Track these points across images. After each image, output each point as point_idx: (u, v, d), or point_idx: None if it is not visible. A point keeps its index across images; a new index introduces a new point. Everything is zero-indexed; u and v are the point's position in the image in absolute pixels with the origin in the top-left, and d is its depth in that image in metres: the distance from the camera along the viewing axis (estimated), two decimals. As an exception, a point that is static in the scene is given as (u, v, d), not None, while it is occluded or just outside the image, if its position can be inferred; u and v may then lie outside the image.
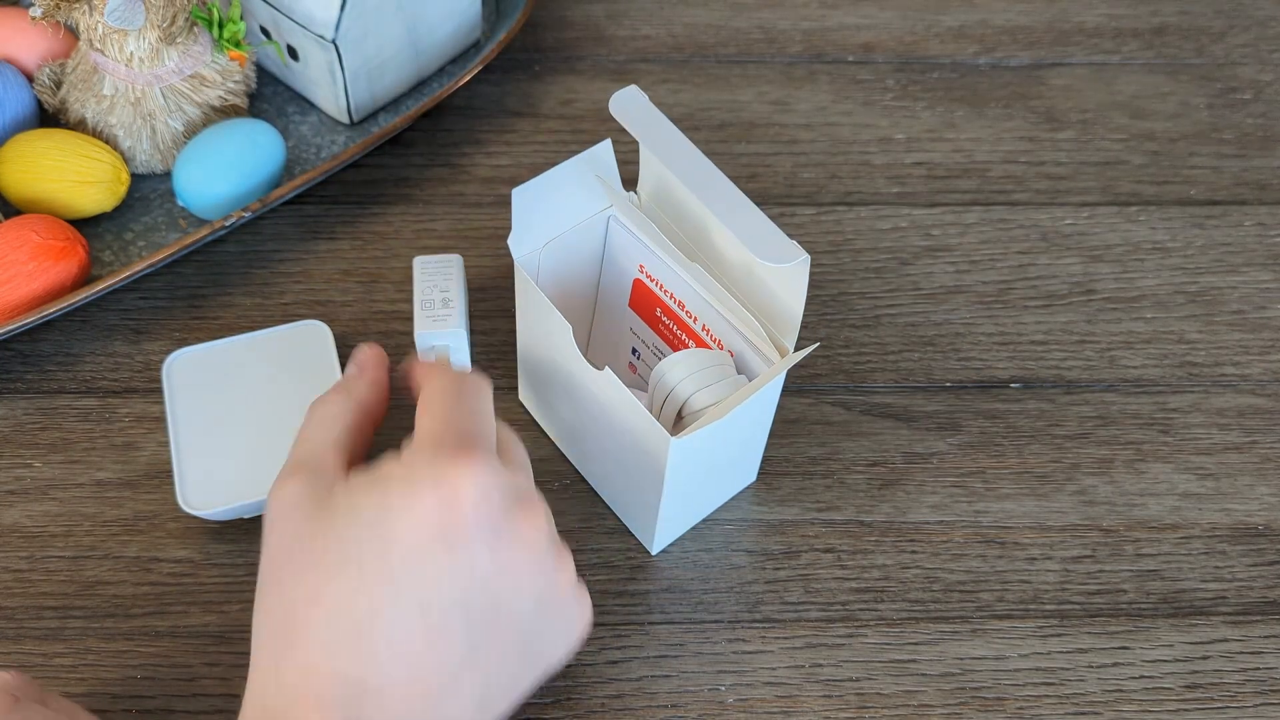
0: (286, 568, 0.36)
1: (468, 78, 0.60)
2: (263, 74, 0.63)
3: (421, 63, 0.62)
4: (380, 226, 0.58)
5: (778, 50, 0.68)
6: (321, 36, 0.56)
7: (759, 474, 0.51)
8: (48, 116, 0.59)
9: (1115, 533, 0.50)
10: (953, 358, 0.55)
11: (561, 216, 0.47)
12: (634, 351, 0.51)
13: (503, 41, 0.62)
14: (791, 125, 0.64)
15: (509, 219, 0.59)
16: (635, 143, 0.50)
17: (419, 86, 0.63)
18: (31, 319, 0.50)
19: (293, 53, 0.59)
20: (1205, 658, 0.47)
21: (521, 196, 0.45)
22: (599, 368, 0.43)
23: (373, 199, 0.59)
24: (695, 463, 0.44)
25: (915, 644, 0.47)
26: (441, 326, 0.50)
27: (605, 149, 0.47)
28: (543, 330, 0.46)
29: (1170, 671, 0.47)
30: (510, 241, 0.46)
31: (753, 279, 0.45)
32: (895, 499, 0.51)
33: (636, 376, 0.52)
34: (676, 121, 0.63)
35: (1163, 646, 0.47)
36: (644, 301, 0.49)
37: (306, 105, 0.62)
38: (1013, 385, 0.55)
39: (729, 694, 0.45)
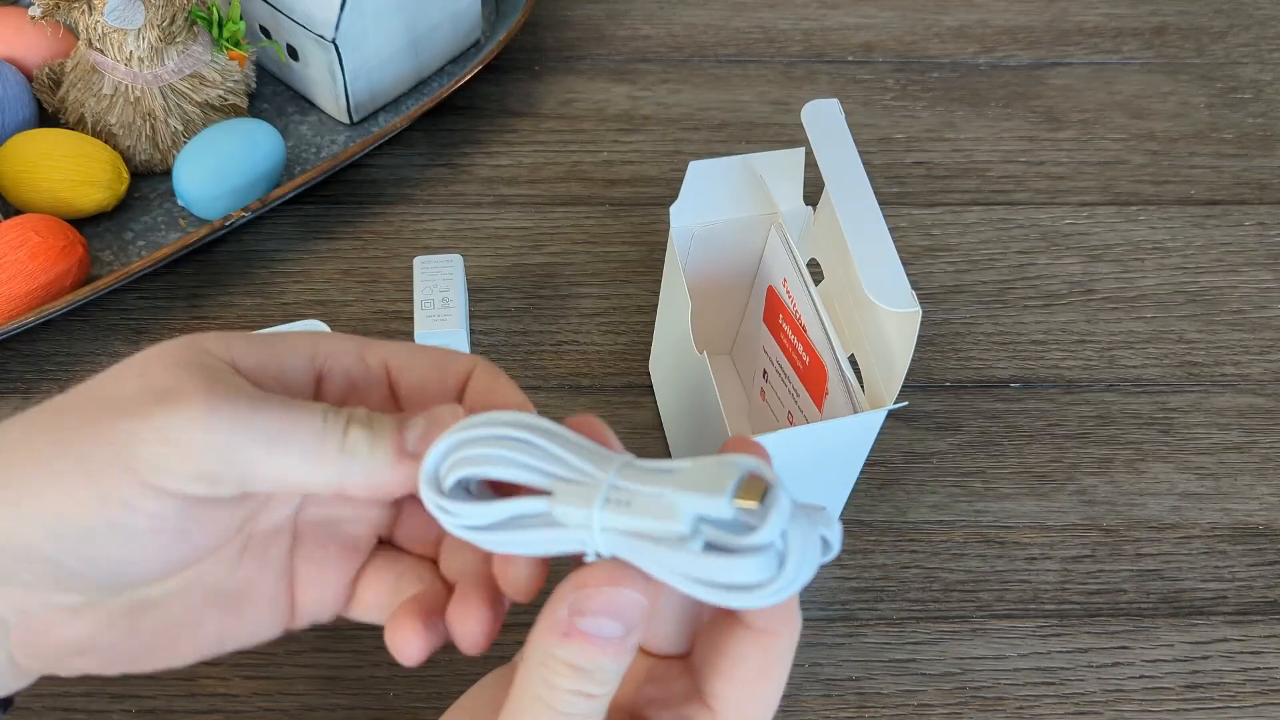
0: None
1: (468, 78, 0.60)
2: (263, 74, 0.63)
3: (421, 62, 0.62)
4: (380, 226, 0.58)
5: (778, 50, 0.68)
6: (321, 36, 0.56)
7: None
8: (48, 116, 0.59)
9: (1115, 532, 0.50)
10: (952, 358, 0.55)
11: (728, 205, 0.47)
12: (764, 374, 0.50)
13: (503, 41, 0.62)
14: (791, 125, 0.64)
15: (509, 219, 0.59)
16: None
17: (419, 86, 0.63)
18: (31, 319, 0.50)
19: (292, 52, 0.59)
20: (1205, 658, 0.47)
21: (697, 170, 0.45)
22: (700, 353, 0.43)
23: (373, 199, 0.59)
24: None
25: (915, 643, 0.47)
26: (441, 326, 0.50)
27: (796, 155, 0.46)
28: (670, 303, 0.47)
29: (1170, 671, 0.47)
30: (672, 209, 0.46)
31: (872, 321, 0.44)
32: (895, 498, 0.51)
33: (764, 404, 0.51)
34: (676, 121, 0.64)
35: (1163, 646, 0.47)
36: (773, 312, 0.48)
37: (306, 105, 0.62)
38: (1012, 385, 0.55)
39: (729, 694, 0.45)
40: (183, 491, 0.27)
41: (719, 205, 0.47)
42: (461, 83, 0.60)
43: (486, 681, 0.32)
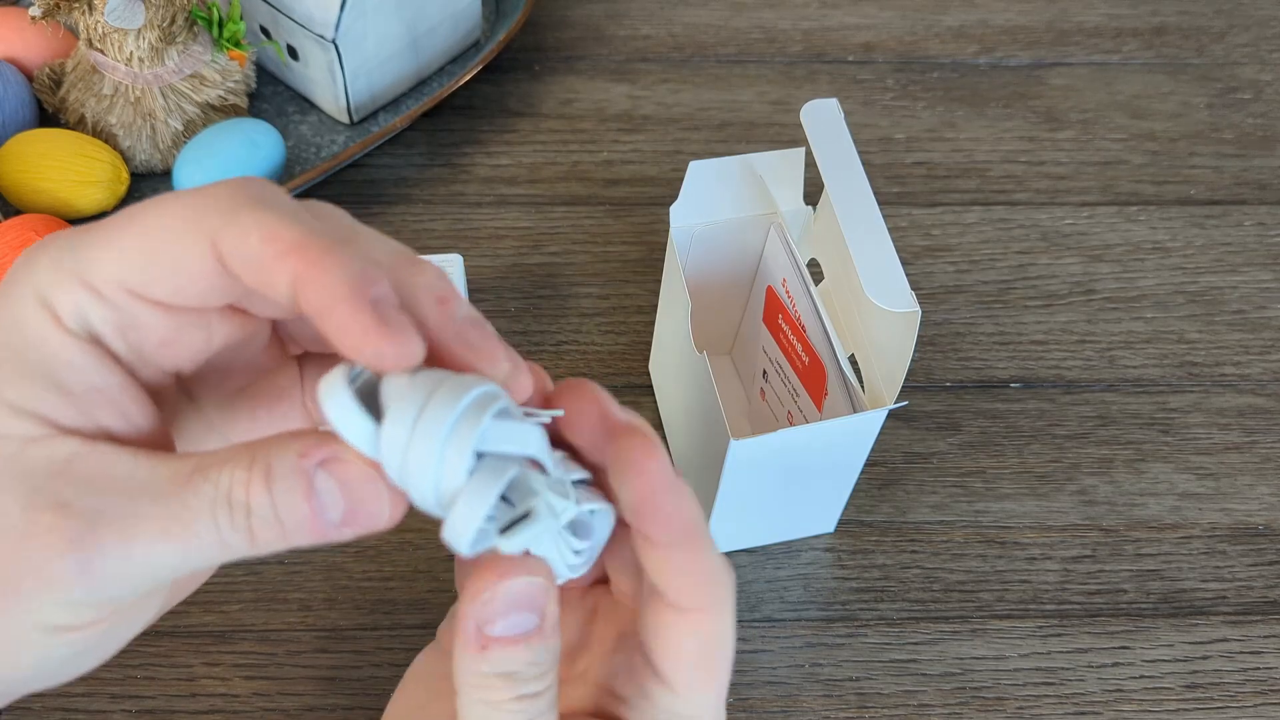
0: None
1: (468, 78, 0.60)
2: (263, 74, 0.63)
3: (421, 62, 0.62)
4: (380, 226, 0.58)
5: (778, 50, 0.68)
6: (321, 36, 0.56)
7: (839, 531, 0.50)
8: (48, 116, 0.59)
9: (1115, 532, 0.50)
10: (953, 358, 0.55)
11: (728, 205, 0.47)
12: (764, 374, 0.50)
13: (503, 41, 0.62)
14: (791, 125, 0.64)
15: (509, 219, 0.59)
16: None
17: (419, 86, 0.63)
18: (31, 319, 0.50)
19: (292, 52, 0.59)
20: (1205, 658, 0.47)
21: (697, 170, 0.45)
22: (701, 352, 0.43)
23: (373, 199, 0.59)
24: (756, 474, 0.43)
25: (915, 644, 0.47)
26: None
27: (796, 155, 0.46)
28: (670, 303, 0.47)
29: (1170, 671, 0.47)
30: (672, 209, 0.46)
31: (872, 321, 0.44)
32: (895, 499, 0.51)
33: (764, 404, 0.51)
34: (676, 121, 0.64)
35: (1163, 646, 0.47)
36: (773, 312, 0.49)
37: (306, 105, 0.62)
38: (1013, 385, 0.55)
39: (729, 694, 0.45)
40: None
41: (719, 205, 0.47)
42: (461, 83, 0.60)
43: (419, 671, 0.31)
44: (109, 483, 0.24)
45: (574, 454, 0.27)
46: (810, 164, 0.46)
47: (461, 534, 0.24)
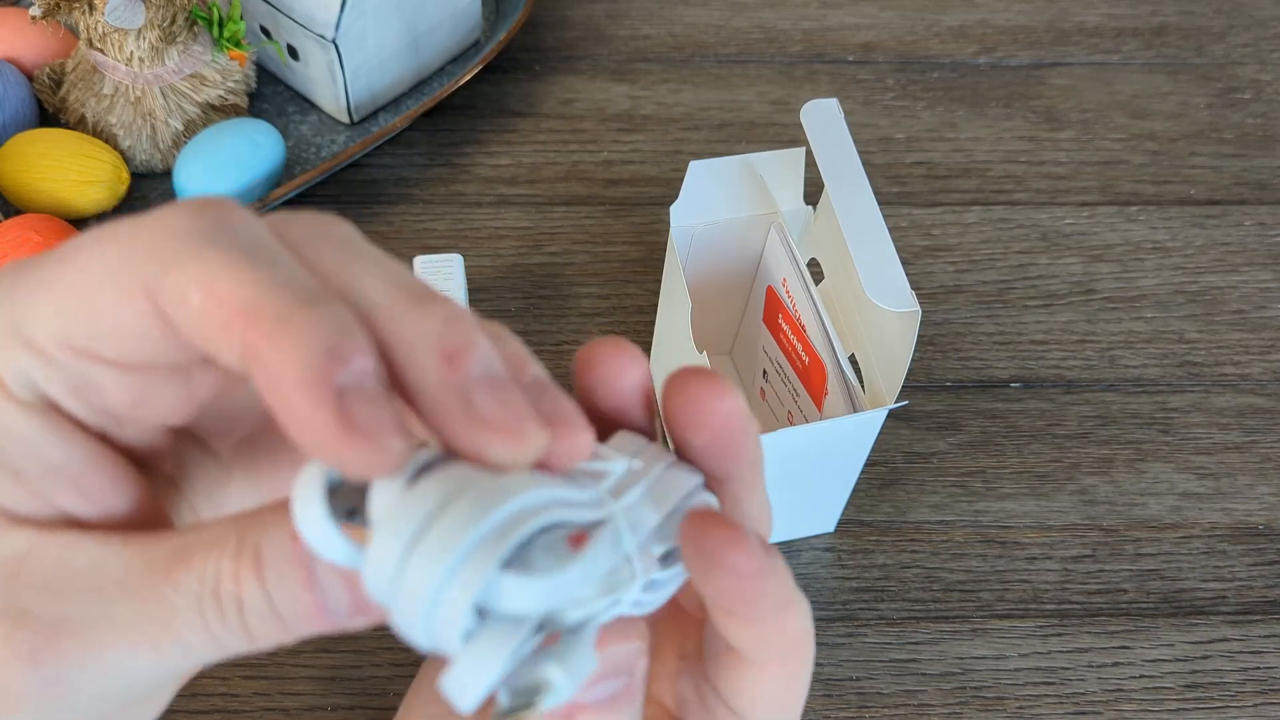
0: None
1: (468, 78, 0.60)
2: (263, 74, 0.63)
3: (421, 62, 0.62)
4: (380, 226, 0.58)
5: (778, 50, 0.68)
6: (321, 36, 0.56)
7: (839, 531, 0.50)
8: (48, 116, 0.59)
9: (1115, 532, 0.50)
10: (953, 357, 0.55)
11: (728, 205, 0.47)
12: (764, 374, 0.51)
13: (503, 41, 0.62)
14: (791, 125, 0.64)
15: (509, 219, 0.59)
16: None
17: (419, 86, 0.63)
18: (31, 319, 0.50)
19: (293, 52, 0.59)
20: (1205, 657, 0.47)
21: (697, 170, 0.45)
22: (701, 351, 0.43)
23: (373, 199, 0.59)
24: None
25: (915, 643, 0.47)
26: None
27: (796, 155, 0.46)
28: (670, 303, 0.47)
29: (1170, 671, 0.47)
30: (673, 209, 0.46)
31: (872, 321, 0.44)
32: (895, 498, 0.51)
33: (764, 404, 0.51)
34: (676, 121, 0.64)
35: (1163, 646, 0.47)
36: (773, 312, 0.49)
37: (306, 105, 0.62)
38: (1013, 385, 0.55)
39: (729, 694, 0.45)
40: None
41: (719, 205, 0.47)
42: (461, 83, 0.60)
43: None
44: (73, 580, 0.20)
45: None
46: (810, 164, 0.46)
47: (457, 702, 0.19)
